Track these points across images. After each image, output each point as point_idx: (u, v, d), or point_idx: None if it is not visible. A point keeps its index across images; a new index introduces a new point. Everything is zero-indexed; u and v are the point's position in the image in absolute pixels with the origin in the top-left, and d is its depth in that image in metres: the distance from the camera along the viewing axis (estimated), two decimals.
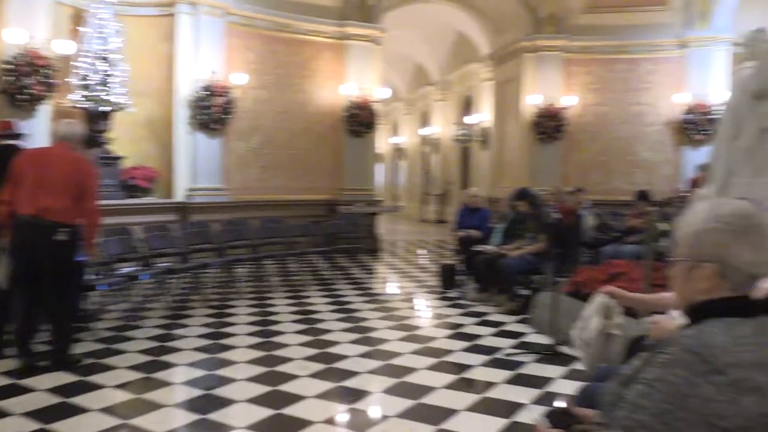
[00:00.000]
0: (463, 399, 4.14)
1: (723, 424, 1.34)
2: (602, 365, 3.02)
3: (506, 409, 3.99)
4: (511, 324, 6.30)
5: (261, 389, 4.26)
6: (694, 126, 12.46)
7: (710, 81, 12.45)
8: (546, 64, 13.12)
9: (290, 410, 3.89)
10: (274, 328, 5.99)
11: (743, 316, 1.47)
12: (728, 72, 12.15)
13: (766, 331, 1.46)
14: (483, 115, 16.06)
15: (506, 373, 4.70)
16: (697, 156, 11.91)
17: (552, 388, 4.40)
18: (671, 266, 1.63)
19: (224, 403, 4.01)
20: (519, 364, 4.94)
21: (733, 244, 1.49)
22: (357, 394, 4.26)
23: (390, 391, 4.32)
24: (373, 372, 4.74)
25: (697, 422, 1.35)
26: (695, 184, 8.94)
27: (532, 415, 3.78)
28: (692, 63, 12.71)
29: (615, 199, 12.32)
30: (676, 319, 2.64)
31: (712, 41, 12.53)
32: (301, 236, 9.96)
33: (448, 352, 5.30)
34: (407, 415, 3.88)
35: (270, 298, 7.37)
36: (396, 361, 4.97)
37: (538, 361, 5.01)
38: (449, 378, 4.59)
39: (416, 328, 6.20)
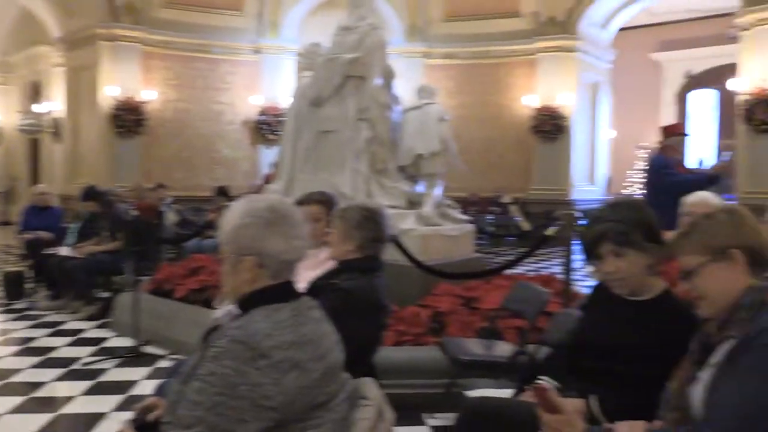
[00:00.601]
0: (35, 421, 3.73)
1: (270, 404, 1.48)
2: (183, 359, 3.06)
3: (86, 422, 3.75)
4: (91, 330, 5.91)
5: None
6: (268, 126, 13.53)
7: (280, 86, 13.65)
8: (124, 55, 12.59)
9: None
10: None
11: (285, 301, 1.64)
12: (295, 79, 13.50)
13: (302, 311, 1.65)
14: (54, 104, 14.58)
15: (85, 384, 4.40)
16: (270, 154, 12.94)
17: (136, 391, 4.29)
18: (220, 263, 1.73)
19: None
20: (100, 371, 4.67)
21: (266, 236, 1.64)
22: None
23: None
24: None
25: (248, 407, 1.46)
26: (268, 180, 9.73)
27: (113, 424, 3.65)
28: (265, 68, 13.77)
29: (198, 195, 12.60)
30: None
31: (282, 50, 13.77)
32: None
33: (16, 371, 4.68)
34: None
35: None
36: None
37: (121, 365, 4.83)
38: (17, 401, 4.06)
39: None
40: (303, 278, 3.17)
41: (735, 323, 1.67)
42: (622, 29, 14.97)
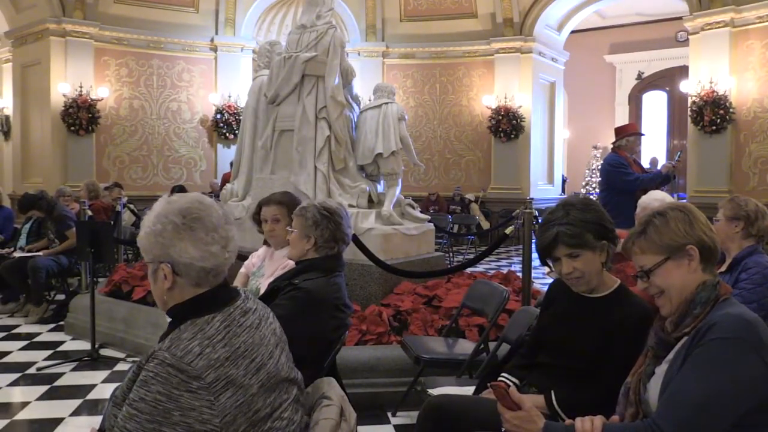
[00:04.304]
0: None
1: (206, 427, 1.39)
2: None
3: (42, 428, 3.66)
4: (45, 333, 5.78)
5: None
6: (226, 125, 13.36)
7: (238, 84, 13.49)
8: (76, 51, 12.25)
9: None
10: None
11: (214, 311, 1.53)
12: (252, 77, 13.33)
13: (235, 320, 1.54)
14: (2, 101, 14.14)
15: (41, 389, 4.30)
16: (229, 153, 12.79)
17: (94, 395, 4.22)
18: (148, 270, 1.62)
19: None
20: (56, 376, 4.58)
21: (176, 242, 1.51)
22: None
23: None
24: None
25: None
26: (226, 179, 9.63)
27: (71, 429, 3.58)
28: (223, 66, 13.57)
29: (155, 194, 12.36)
30: None
31: (239, 48, 13.61)
32: None
33: None
34: None
35: None
36: None
37: (77, 369, 4.74)
38: None
39: None
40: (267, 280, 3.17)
41: (690, 319, 1.72)
42: (575, 32, 15.26)
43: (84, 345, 5.26)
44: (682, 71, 14.40)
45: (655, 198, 3.54)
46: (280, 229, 3.25)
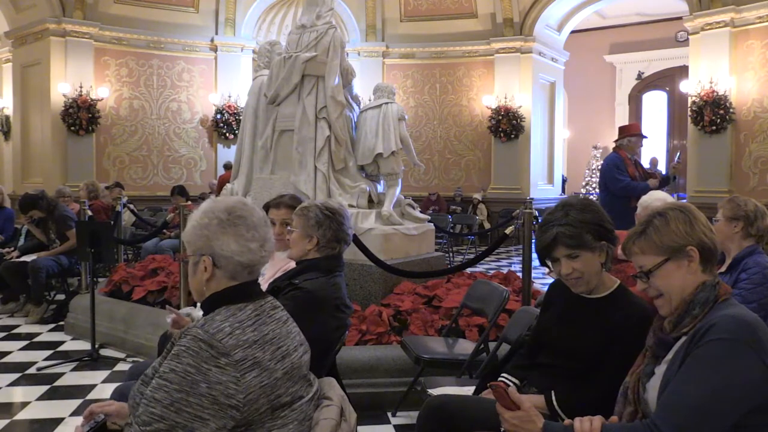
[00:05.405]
0: None
1: (230, 402, 1.50)
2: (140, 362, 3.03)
3: (42, 428, 3.67)
4: (45, 333, 5.77)
5: None
6: (226, 125, 13.36)
7: (238, 84, 13.49)
8: (75, 51, 12.24)
9: None
10: None
11: (247, 300, 1.67)
12: (252, 77, 13.31)
13: (265, 311, 1.68)
14: (3, 102, 14.13)
15: (41, 389, 4.30)
16: (229, 153, 12.80)
17: (95, 395, 4.22)
18: (186, 263, 1.77)
19: None
20: (56, 376, 4.58)
21: (219, 236, 1.67)
22: None
23: None
24: None
25: (207, 405, 1.48)
26: (222, 181, 9.64)
27: (70, 429, 3.59)
28: (223, 66, 13.58)
29: (155, 194, 12.39)
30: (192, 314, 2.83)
31: (239, 48, 13.61)
32: None
33: None
34: None
35: None
36: None
37: (77, 369, 4.74)
38: None
39: None
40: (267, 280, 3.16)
41: (689, 319, 1.72)
42: (575, 32, 15.26)
43: (84, 345, 5.26)
44: (682, 71, 14.41)
45: (656, 198, 3.53)
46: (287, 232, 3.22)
